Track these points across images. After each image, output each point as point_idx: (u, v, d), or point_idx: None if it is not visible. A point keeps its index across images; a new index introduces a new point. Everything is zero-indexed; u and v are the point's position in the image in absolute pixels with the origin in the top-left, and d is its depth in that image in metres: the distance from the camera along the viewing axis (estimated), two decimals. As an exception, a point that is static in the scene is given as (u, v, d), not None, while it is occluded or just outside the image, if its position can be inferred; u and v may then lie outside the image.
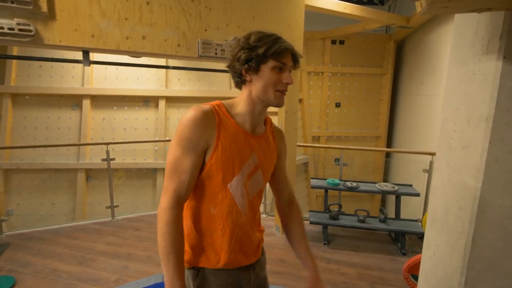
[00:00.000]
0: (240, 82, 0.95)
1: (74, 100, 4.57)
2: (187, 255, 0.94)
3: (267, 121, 1.05)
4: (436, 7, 0.94)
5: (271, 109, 1.04)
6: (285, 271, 2.56)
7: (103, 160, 3.54)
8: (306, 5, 3.09)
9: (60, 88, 4.48)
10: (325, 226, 3.16)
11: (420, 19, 3.82)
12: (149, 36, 2.30)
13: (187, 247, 0.94)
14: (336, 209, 3.21)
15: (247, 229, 0.98)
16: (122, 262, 2.65)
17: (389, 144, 5.35)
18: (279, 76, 0.90)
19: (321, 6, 3.31)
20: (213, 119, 0.88)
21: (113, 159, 3.60)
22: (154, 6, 2.28)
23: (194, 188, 0.91)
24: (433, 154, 3.34)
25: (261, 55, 0.87)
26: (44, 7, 1.93)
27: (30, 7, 1.87)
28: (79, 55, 2.26)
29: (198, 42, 2.46)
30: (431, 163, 3.36)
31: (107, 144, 3.54)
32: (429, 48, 3.97)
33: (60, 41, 2.04)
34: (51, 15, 1.98)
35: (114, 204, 3.59)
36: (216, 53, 2.52)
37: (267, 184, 1.11)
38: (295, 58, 0.93)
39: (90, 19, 2.10)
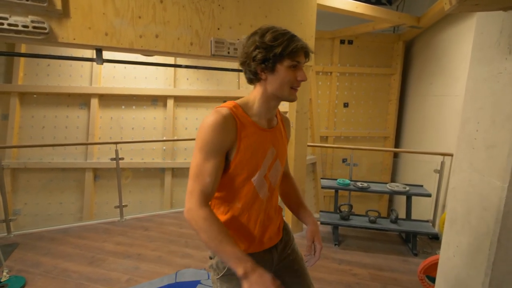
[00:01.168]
0: (254, 79, 0.98)
1: (82, 99, 4.56)
2: None
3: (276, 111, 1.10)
4: (466, 5, 0.91)
5: (282, 108, 1.09)
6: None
7: (111, 159, 3.53)
8: (318, 5, 3.06)
9: (68, 87, 4.47)
10: (335, 227, 3.13)
11: (431, 19, 3.78)
12: (162, 34, 2.29)
13: None
14: (347, 210, 3.18)
15: (269, 215, 1.07)
16: (132, 262, 2.64)
17: (397, 144, 5.31)
18: (294, 74, 0.93)
19: (333, 5, 3.28)
20: (232, 122, 0.92)
21: (122, 158, 3.59)
22: (167, 4, 2.27)
23: (219, 186, 0.95)
24: (445, 154, 3.31)
25: (278, 55, 0.90)
26: (59, 5, 1.92)
27: (45, 5, 1.86)
28: (87, 54, 2.25)
29: (211, 41, 2.44)
30: (442, 163, 3.34)
31: (115, 143, 3.53)
32: (439, 48, 3.94)
33: (74, 39, 2.02)
34: (65, 13, 1.97)
35: (123, 204, 3.58)
36: (228, 52, 2.51)
37: None
38: (307, 54, 0.96)
39: (104, 17, 2.08)
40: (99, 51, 2.15)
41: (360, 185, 3.19)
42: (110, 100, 4.63)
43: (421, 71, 4.54)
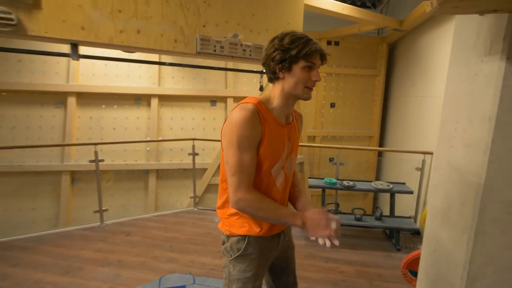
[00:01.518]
0: (273, 78, 1.08)
1: (58, 98, 4.31)
2: (234, 227, 1.13)
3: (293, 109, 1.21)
4: (447, 7, 0.94)
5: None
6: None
7: (90, 161, 3.36)
8: (305, 5, 3.05)
9: (41, 84, 4.21)
10: None
11: (413, 22, 3.86)
12: (144, 30, 2.19)
13: (233, 221, 1.13)
14: (334, 208, 3.20)
15: (282, 203, 1.18)
16: (113, 269, 2.50)
17: (381, 143, 5.42)
18: (308, 74, 1.02)
19: (320, 6, 3.28)
20: (258, 117, 1.01)
21: (102, 160, 3.42)
22: (150, -2, 2.17)
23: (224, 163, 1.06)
24: (426, 153, 3.40)
25: (293, 56, 0.99)
26: (29, -5, 1.79)
27: (14, -5, 1.72)
28: (64, 49, 2.11)
29: (197, 38, 2.36)
30: (423, 161, 3.42)
31: (95, 144, 3.36)
32: (420, 51, 4.03)
33: (46, 32, 1.89)
34: (36, 3, 1.83)
35: (103, 208, 3.42)
36: (215, 50, 2.43)
37: None
38: (323, 57, 1.05)
39: (80, 10, 1.96)
40: (74, 45, 2.02)
41: (347, 184, 3.22)
42: (89, 98, 4.42)
43: (404, 73, 4.64)
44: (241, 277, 1.14)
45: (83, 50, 3.84)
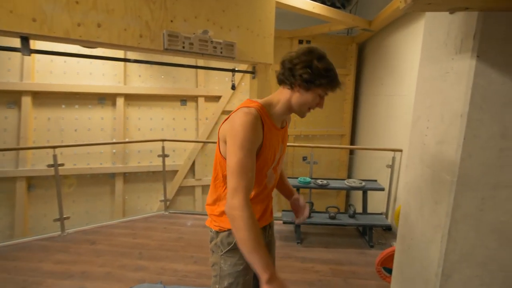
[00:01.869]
0: (287, 84, 1.08)
1: (10, 97, 3.93)
2: (224, 222, 1.13)
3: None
4: (420, 4, 0.93)
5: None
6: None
7: (49, 166, 3.10)
8: (277, 2, 3.02)
9: (-10, 82, 3.84)
10: (297, 225, 3.16)
11: (381, 22, 3.97)
12: (105, 24, 2.03)
13: (224, 217, 1.12)
14: (308, 207, 3.20)
15: (269, 199, 1.24)
16: (76, 282, 2.32)
17: (352, 141, 5.55)
18: (318, 101, 1.09)
19: (291, 4, 3.26)
20: (260, 122, 1.03)
21: (62, 164, 3.17)
22: (111, -10, 2.01)
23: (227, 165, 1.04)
24: (396, 150, 3.51)
25: (319, 84, 1.03)
26: (-31, -19, 1.58)
27: (-51, -20, 1.51)
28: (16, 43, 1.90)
29: (164, 34, 2.24)
30: (393, 159, 3.53)
31: (53, 147, 3.10)
32: (389, 51, 4.16)
33: (-9, 24, 1.68)
34: (-22, -8, 1.63)
35: (64, 216, 3.17)
36: (183, 47, 2.32)
37: None
38: (334, 90, 1.10)
39: (30, 0, 1.77)
40: (24, 39, 1.82)
41: (320, 183, 3.25)
42: (47, 98, 4.07)
43: (373, 72, 4.78)
44: (232, 271, 1.14)
45: (39, 45, 3.55)
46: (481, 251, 1.08)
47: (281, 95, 1.10)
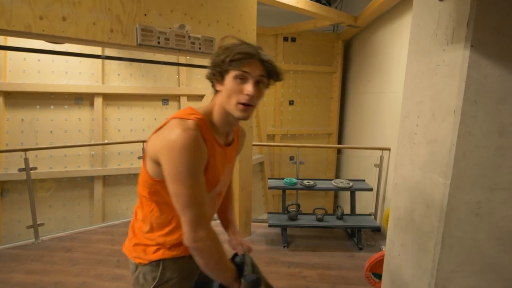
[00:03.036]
0: (214, 90, 0.94)
1: (-20, 98, 3.73)
2: (144, 252, 0.97)
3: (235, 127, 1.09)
4: None
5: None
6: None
7: (20, 170, 2.92)
8: (259, -4, 2.91)
9: (-42, 82, 3.61)
10: (284, 228, 3.07)
11: (367, 18, 3.94)
12: (71, 17, 1.88)
13: (143, 243, 0.98)
14: (294, 209, 3.13)
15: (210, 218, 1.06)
16: (47, 294, 2.18)
17: (340, 140, 5.52)
18: (240, 86, 0.86)
19: (274, -2, 3.17)
20: (202, 139, 0.86)
21: (35, 168, 3.00)
22: (76, -20, 1.87)
23: (171, 194, 0.87)
24: (384, 149, 3.48)
25: (222, 63, 0.86)
26: None
27: None
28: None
29: (137, 28, 2.10)
30: (381, 158, 3.50)
31: (24, 150, 2.93)
32: (375, 47, 4.13)
33: None
34: None
35: (38, 222, 3.00)
36: (158, 42, 2.19)
37: None
38: (264, 65, 0.87)
39: (-15, -11, 1.61)
40: (-21, 33, 1.66)
41: (307, 184, 3.18)
42: (20, 98, 3.86)
43: (360, 70, 4.75)
44: None
45: (11, 41, 3.35)
46: (478, 259, 1.02)
47: (215, 102, 0.94)
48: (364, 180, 3.40)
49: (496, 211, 0.97)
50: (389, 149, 3.45)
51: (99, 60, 4.09)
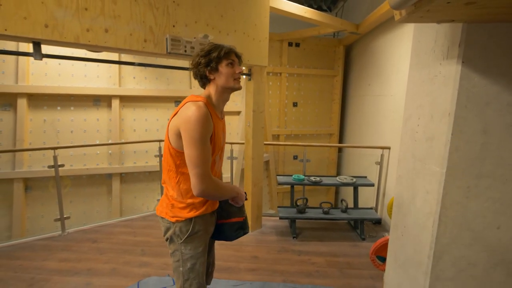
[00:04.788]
0: (206, 81, 1.32)
1: (5, 99, 3.91)
2: (182, 213, 1.29)
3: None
4: (414, 17, 1.07)
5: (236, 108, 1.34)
6: (259, 267, 2.60)
7: (49, 167, 3.13)
8: (271, 7, 3.16)
9: (-15, 85, 3.80)
10: (293, 220, 3.28)
11: (368, 26, 4.17)
12: (112, 29, 2.12)
13: (182, 208, 1.30)
14: (303, 203, 3.35)
15: (218, 176, 1.43)
16: (83, 278, 2.39)
17: (340, 140, 5.76)
18: (232, 69, 1.29)
19: (285, 9, 3.42)
20: (209, 114, 1.20)
21: (62, 165, 3.21)
22: (117, -3, 2.10)
23: (186, 156, 1.21)
24: (384, 148, 3.70)
25: (216, 57, 1.25)
26: (-17, -11, 1.64)
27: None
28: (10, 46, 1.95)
29: (167, 38, 2.34)
30: (382, 156, 3.72)
31: (53, 148, 3.14)
32: (375, 53, 4.37)
33: (6, 30, 1.75)
34: (-8, -1, 1.69)
35: (65, 216, 3.21)
36: (185, 50, 2.43)
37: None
38: (237, 54, 1.33)
39: (42, 6, 1.84)
40: (37, 44, 1.89)
41: (314, 180, 3.39)
42: (42, 100, 4.06)
43: (360, 73, 4.98)
44: (194, 253, 1.32)
45: (44, 49, 3.52)
46: (467, 233, 1.19)
47: (210, 89, 1.31)
48: (366, 177, 3.61)
49: (481, 194, 1.17)
50: (389, 148, 3.67)
51: (116, 64, 4.30)
